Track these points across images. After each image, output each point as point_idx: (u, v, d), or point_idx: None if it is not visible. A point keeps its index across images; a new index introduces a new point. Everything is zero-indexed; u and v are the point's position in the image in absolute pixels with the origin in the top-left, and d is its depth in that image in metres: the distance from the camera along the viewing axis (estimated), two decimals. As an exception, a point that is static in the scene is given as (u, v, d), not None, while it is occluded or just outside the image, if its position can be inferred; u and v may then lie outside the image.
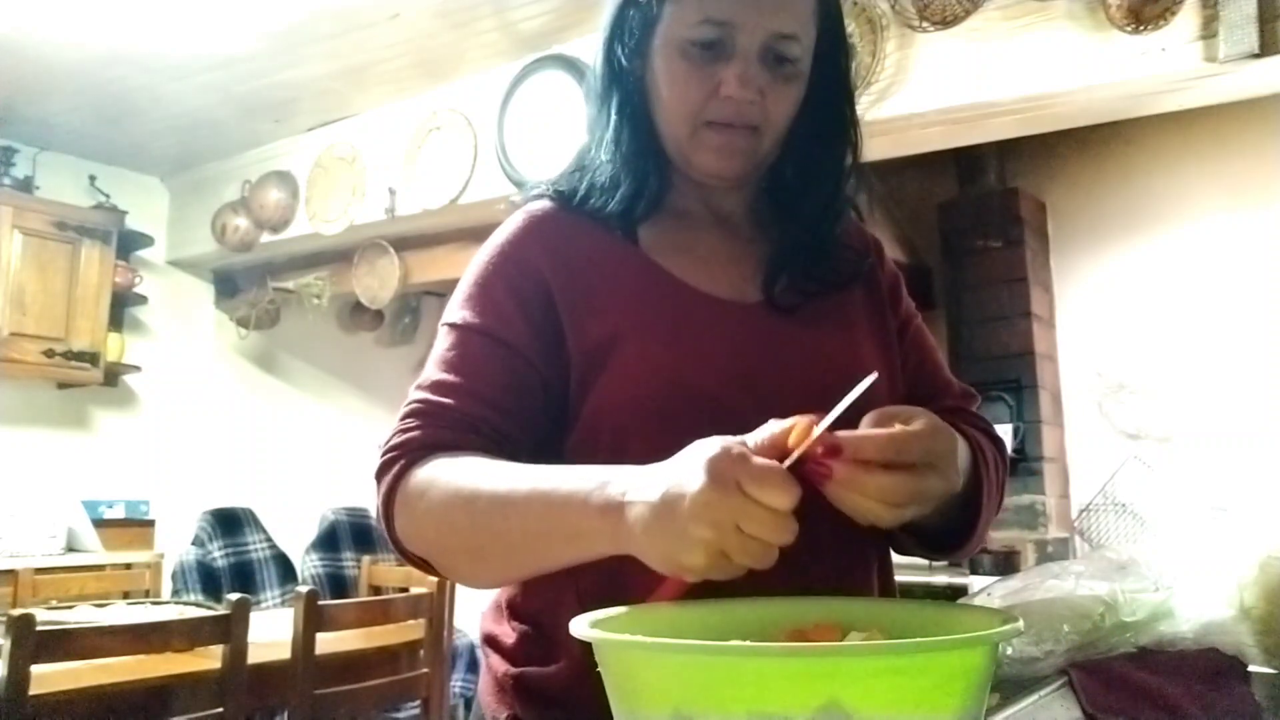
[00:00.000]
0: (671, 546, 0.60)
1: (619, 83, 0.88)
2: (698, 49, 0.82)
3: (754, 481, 0.58)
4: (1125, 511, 3.17)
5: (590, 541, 0.67)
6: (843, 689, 0.49)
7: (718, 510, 0.58)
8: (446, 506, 0.73)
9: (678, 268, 0.86)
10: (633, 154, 0.87)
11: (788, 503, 0.58)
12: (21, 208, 3.89)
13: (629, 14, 0.87)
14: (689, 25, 0.82)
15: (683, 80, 0.83)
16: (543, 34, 3.18)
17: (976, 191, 3.59)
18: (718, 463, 0.59)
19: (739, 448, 0.61)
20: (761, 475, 0.59)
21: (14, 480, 3.93)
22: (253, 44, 3.25)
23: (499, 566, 0.76)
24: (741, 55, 0.81)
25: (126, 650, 1.92)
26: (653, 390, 0.79)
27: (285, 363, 4.92)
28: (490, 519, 0.71)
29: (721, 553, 0.59)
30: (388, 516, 0.78)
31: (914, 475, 0.65)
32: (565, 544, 0.69)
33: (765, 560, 0.59)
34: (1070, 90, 2.34)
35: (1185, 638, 0.98)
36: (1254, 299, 3.09)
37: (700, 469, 0.59)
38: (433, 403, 0.79)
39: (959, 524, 0.82)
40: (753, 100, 0.82)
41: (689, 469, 0.60)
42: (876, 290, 0.95)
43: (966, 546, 0.84)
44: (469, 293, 0.85)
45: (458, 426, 0.78)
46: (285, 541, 4.23)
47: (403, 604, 2.59)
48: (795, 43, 0.82)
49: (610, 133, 0.89)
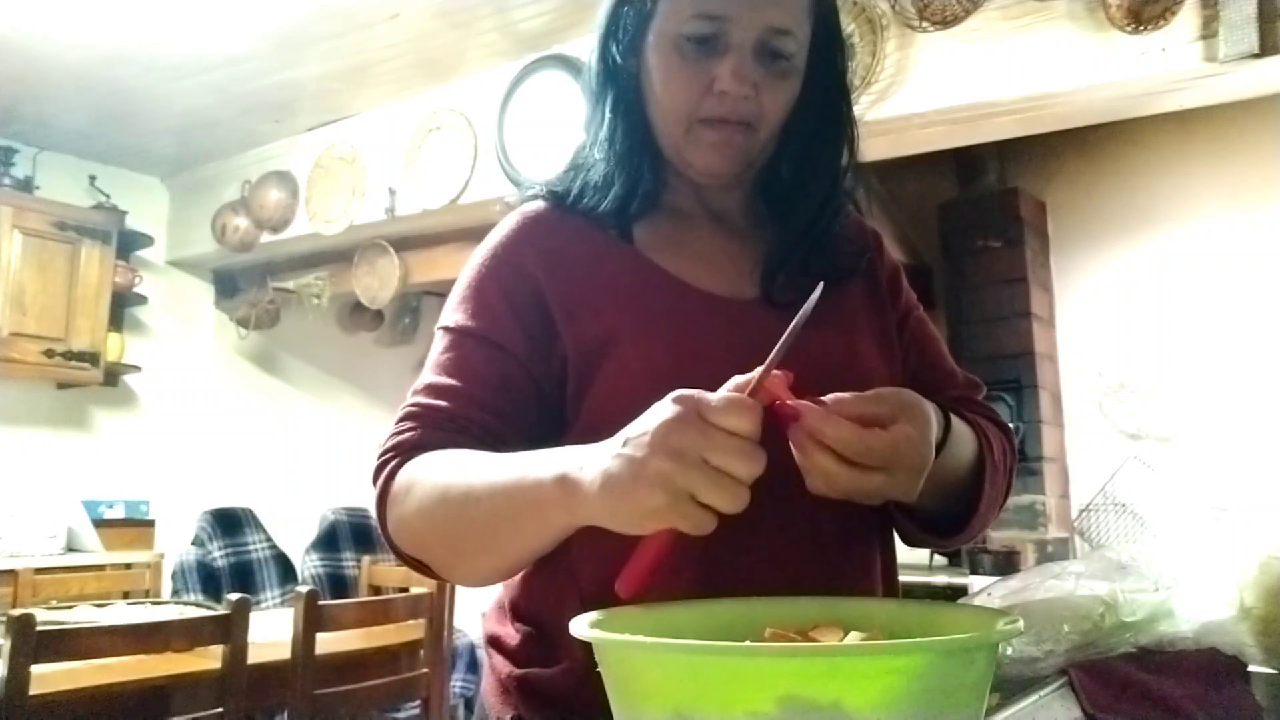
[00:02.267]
0: (631, 489, 0.58)
1: (613, 80, 0.88)
2: (692, 44, 0.82)
3: (714, 408, 0.58)
4: (1125, 511, 3.17)
5: (545, 513, 0.66)
6: (843, 689, 0.49)
7: (679, 438, 0.57)
8: (426, 502, 0.73)
9: (673, 265, 0.86)
10: (627, 152, 0.87)
11: (749, 426, 0.57)
12: (21, 208, 3.89)
13: (623, 10, 0.87)
14: (683, 20, 0.82)
15: (677, 76, 0.83)
16: (543, 34, 3.18)
17: (976, 191, 3.59)
18: (679, 399, 0.59)
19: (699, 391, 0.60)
20: (723, 401, 0.58)
21: (14, 480, 3.93)
22: (253, 44, 3.25)
23: (477, 557, 0.76)
24: (736, 50, 0.81)
25: (126, 650, 1.92)
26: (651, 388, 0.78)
27: (285, 363, 4.92)
28: (462, 507, 0.71)
29: (687, 494, 0.57)
30: (382, 517, 0.78)
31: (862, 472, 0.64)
32: (527, 521, 0.68)
33: (736, 500, 0.57)
34: (1070, 90, 2.34)
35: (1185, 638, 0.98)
36: (1254, 299, 3.09)
37: (662, 408, 0.59)
38: (427, 405, 0.80)
39: (961, 508, 0.82)
40: (747, 95, 0.82)
41: (650, 413, 0.60)
42: (876, 283, 0.95)
43: (966, 531, 0.84)
44: (463, 295, 0.85)
45: (451, 428, 0.78)
46: (285, 541, 4.24)
47: (403, 604, 2.59)
48: (790, 38, 0.82)
49: (605, 130, 0.88)
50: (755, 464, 0.57)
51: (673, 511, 0.58)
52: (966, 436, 0.83)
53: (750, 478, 0.57)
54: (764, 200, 0.94)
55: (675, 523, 0.58)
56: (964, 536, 0.85)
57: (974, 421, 0.86)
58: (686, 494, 0.57)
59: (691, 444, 0.57)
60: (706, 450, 0.57)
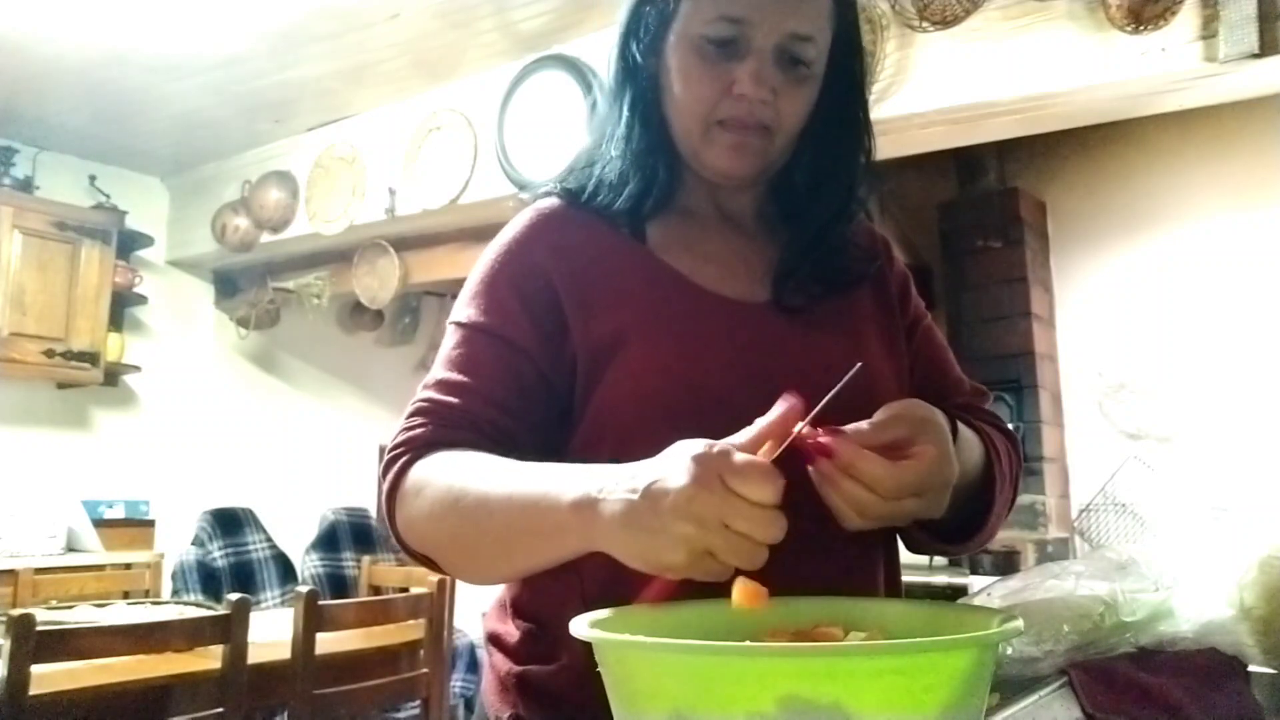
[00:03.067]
0: (651, 543, 0.59)
1: (632, 79, 0.88)
2: (713, 46, 0.82)
3: (737, 476, 0.58)
4: (1125, 511, 3.17)
5: (563, 538, 0.66)
6: (843, 689, 0.49)
7: (701, 506, 0.57)
8: (437, 504, 0.73)
9: (685, 266, 0.86)
10: (643, 150, 0.87)
11: (771, 496, 0.58)
12: (21, 208, 3.89)
13: (645, 10, 0.87)
14: (705, 22, 0.82)
15: (696, 77, 0.83)
16: (543, 34, 3.18)
17: (976, 191, 3.59)
18: (701, 459, 0.59)
19: (722, 445, 0.60)
20: (745, 469, 0.58)
21: (14, 480, 3.93)
22: (253, 44, 3.25)
23: (490, 564, 0.76)
24: (756, 54, 0.81)
25: (126, 650, 1.92)
26: (659, 388, 0.79)
27: (285, 363, 4.92)
28: (475, 517, 0.71)
29: (706, 552, 0.58)
30: (390, 513, 0.78)
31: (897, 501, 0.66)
32: (542, 541, 0.68)
33: (754, 560, 0.58)
34: (1070, 90, 2.34)
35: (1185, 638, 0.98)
36: (1254, 299, 3.09)
37: (683, 466, 0.59)
38: (438, 401, 0.80)
39: (971, 515, 0.83)
40: (766, 100, 0.82)
41: (672, 465, 0.60)
42: (885, 290, 0.95)
43: (977, 539, 0.84)
44: (475, 291, 0.85)
45: (462, 425, 0.78)
46: (285, 541, 4.24)
47: (403, 604, 2.59)
48: (810, 44, 0.82)
49: (622, 128, 0.88)
50: (776, 530, 0.58)
51: (692, 568, 0.59)
52: (973, 444, 0.83)
53: (771, 542, 0.58)
54: (777, 204, 0.94)
55: (694, 575, 0.59)
56: (973, 544, 0.85)
57: (981, 429, 0.86)
58: (706, 553, 0.58)
59: (714, 512, 0.57)
60: (728, 518, 0.57)
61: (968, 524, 0.83)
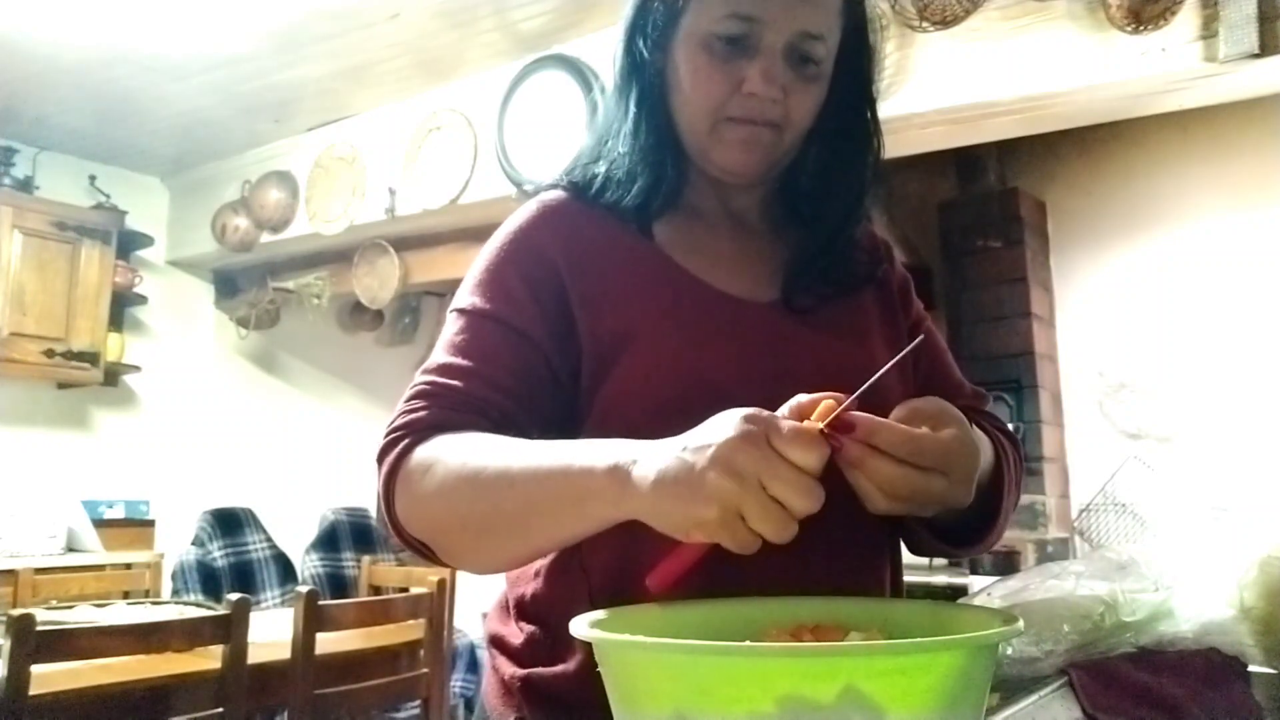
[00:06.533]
0: (687, 496, 0.58)
1: (639, 75, 0.87)
2: (722, 43, 0.81)
3: (783, 438, 0.57)
4: (1125, 511, 3.17)
5: (591, 505, 0.65)
6: (843, 689, 0.49)
7: (744, 460, 0.57)
8: (450, 482, 0.71)
9: (693, 264, 0.86)
10: (650, 147, 0.86)
11: (815, 461, 0.57)
12: (21, 208, 3.89)
13: (653, 5, 0.86)
14: (715, 19, 0.81)
15: (705, 75, 0.82)
16: (543, 34, 3.18)
17: (976, 191, 3.59)
18: (751, 418, 0.59)
19: (769, 412, 0.60)
20: (792, 432, 0.58)
21: (14, 480, 3.93)
22: (253, 44, 3.25)
23: (502, 543, 0.73)
24: (766, 52, 0.80)
25: (126, 650, 1.92)
26: (666, 386, 0.78)
27: (285, 363, 4.92)
28: (495, 491, 0.69)
29: (738, 514, 0.57)
30: (388, 498, 0.75)
31: (922, 475, 0.64)
32: (567, 510, 0.67)
33: (783, 532, 0.57)
34: (1070, 90, 2.34)
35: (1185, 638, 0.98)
36: (1254, 299, 3.09)
37: (732, 422, 0.59)
38: (440, 384, 0.77)
39: (978, 520, 0.82)
40: (775, 98, 0.81)
41: (720, 423, 0.59)
42: (888, 293, 0.95)
43: (984, 542, 0.84)
44: (480, 278, 0.84)
45: (465, 408, 0.76)
46: (285, 541, 4.23)
47: (403, 604, 2.59)
48: (821, 43, 0.82)
49: (629, 125, 0.88)
50: (813, 500, 0.57)
51: (722, 528, 0.58)
52: (986, 445, 0.82)
53: (805, 513, 0.57)
54: (784, 204, 0.94)
55: (721, 538, 0.58)
56: (979, 547, 0.85)
57: (990, 434, 0.86)
58: (738, 514, 0.57)
59: (754, 467, 0.56)
60: (768, 477, 0.56)
61: (975, 527, 0.83)
